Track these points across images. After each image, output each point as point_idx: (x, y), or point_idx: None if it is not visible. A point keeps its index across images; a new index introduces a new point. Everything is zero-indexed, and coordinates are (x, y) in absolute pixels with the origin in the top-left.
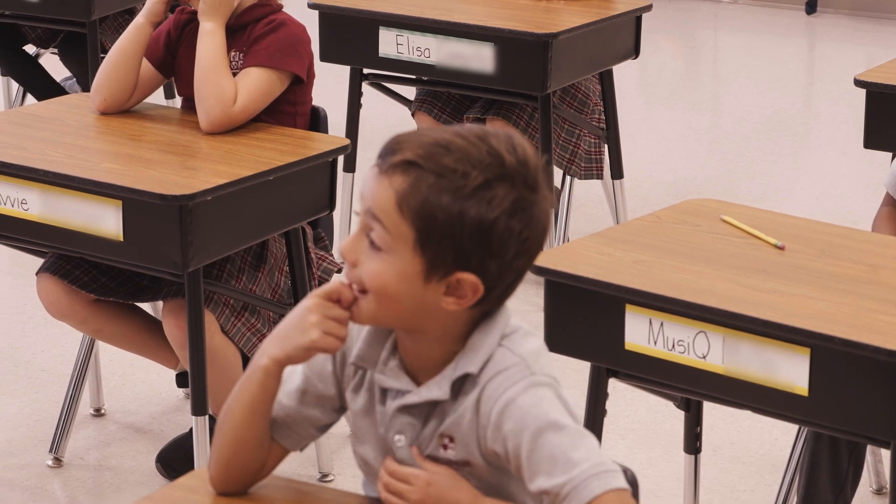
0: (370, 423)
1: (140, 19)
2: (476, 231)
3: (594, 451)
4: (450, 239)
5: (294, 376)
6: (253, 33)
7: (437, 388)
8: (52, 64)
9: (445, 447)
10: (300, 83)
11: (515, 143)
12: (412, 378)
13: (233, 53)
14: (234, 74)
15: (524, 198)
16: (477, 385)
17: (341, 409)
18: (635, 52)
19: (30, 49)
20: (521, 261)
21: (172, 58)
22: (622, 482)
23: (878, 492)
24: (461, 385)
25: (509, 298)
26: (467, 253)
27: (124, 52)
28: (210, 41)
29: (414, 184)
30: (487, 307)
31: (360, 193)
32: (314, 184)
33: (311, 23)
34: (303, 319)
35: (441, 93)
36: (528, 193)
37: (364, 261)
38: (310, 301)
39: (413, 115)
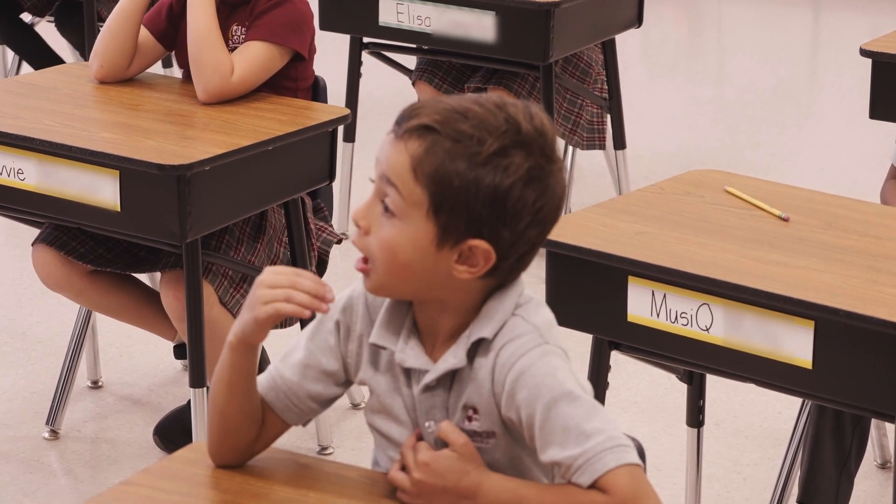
0: (399, 404)
1: None
2: (490, 198)
3: (608, 424)
4: (463, 205)
5: (297, 350)
6: (256, 8)
7: (452, 357)
8: (48, 33)
9: (470, 419)
10: (301, 60)
11: (533, 112)
12: (431, 354)
13: (235, 27)
14: (236, 48)
15: (540, 166)
16: (491, 351)
17: (346, 383)
18: (638, 21)
19: (26, 17)
20: (535, 231)
21: (175, 30)
22: (635, 457)
23: (883, 466)
24: (475, 351)
25: (523, 272)
26: (480, 220)
27: (122, 15)
28: (200, 11)
29: (429, 148)
30: (500, 279)
31: (376, 158)
32: (314, 154)
33: None
34: (252, 295)
35: (442, 62)
36: (543, 162)
37: (376, 228)
38: (269, 274)
39: (413, 84)
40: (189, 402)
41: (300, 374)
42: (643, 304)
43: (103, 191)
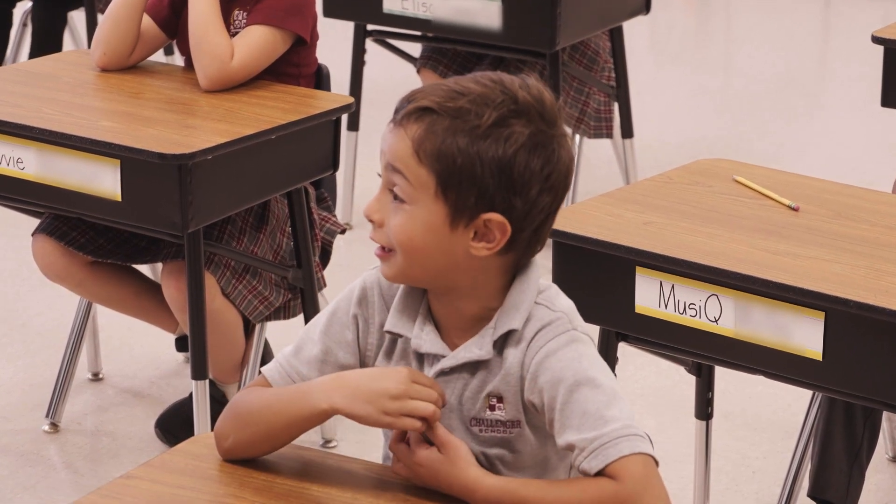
0: None
1: None
2: (495, 168)
3: (627, 413)
4: (470, 180)
5: (310, 344)
6: None
7: (476, 348)
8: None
9: (493, 407)
10: (303, 44)
11: (530, 82)
12: (448, 341)
13: (237, 12)
14: (238, 33)
15: (542, 131)
16: (522, 340)
17: None
18: (646, 8)
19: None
20: (547, 198)
21: (177, 18)
22: (650, 448)
23: (894, 459)
24: (505, 343)
25: (540, 247)
26: (490, 192)
27: (126, 2)
28: None
29: (429, 128)
30: (518, 255)
31: (380, 151)
32: (317, 143)
33: None
34: (388, 401)
35: (447, 49)
36: (545, 127)
37: (389, 218)
38: (401, 385)
39: (418, 72)
40: (191, 394)
41: (318, 371)
42: (651, 295)
43: (104, 180)
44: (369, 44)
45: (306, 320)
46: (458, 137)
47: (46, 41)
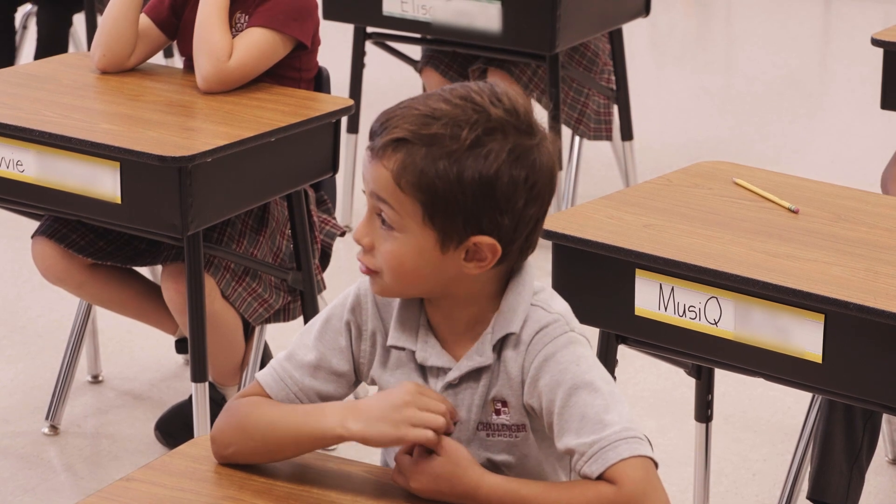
0: None
1: None
2: (478, 190)
3: (626, 416)
4: (455, 205)
5: (304, 350)
6: None
7: (477, 356)
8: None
9: (498, 412)
10: (304, 50)
11: (499, 93)
12: (450, 350)
13: (238, 14)
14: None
15: (521, 144)
16: (521, 344)
17: (356, 382)
18: (646, 10)
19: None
20: (534, 209)
21: (177, 19)
22: (649, 451)
23: (894, 461)
24: (503, 346)
25: (532, 250)
26: (476, 215)
27: (122, 2)
28: None
29: (406, 159)
30: (511, 262)
31: (363, 176)
32: (317, 145)
33: None
34: (397, 411)
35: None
36: (523, 139)
37: (379, 243)
38: (407, 395)
39: (420, 71)
40: (190, 396)
41: (311, 377)
42: (651, 298)
43: (104, 183)
44: (369, 46)
45: (306, 323)
46: (437, 164)
47: (52, 44)
